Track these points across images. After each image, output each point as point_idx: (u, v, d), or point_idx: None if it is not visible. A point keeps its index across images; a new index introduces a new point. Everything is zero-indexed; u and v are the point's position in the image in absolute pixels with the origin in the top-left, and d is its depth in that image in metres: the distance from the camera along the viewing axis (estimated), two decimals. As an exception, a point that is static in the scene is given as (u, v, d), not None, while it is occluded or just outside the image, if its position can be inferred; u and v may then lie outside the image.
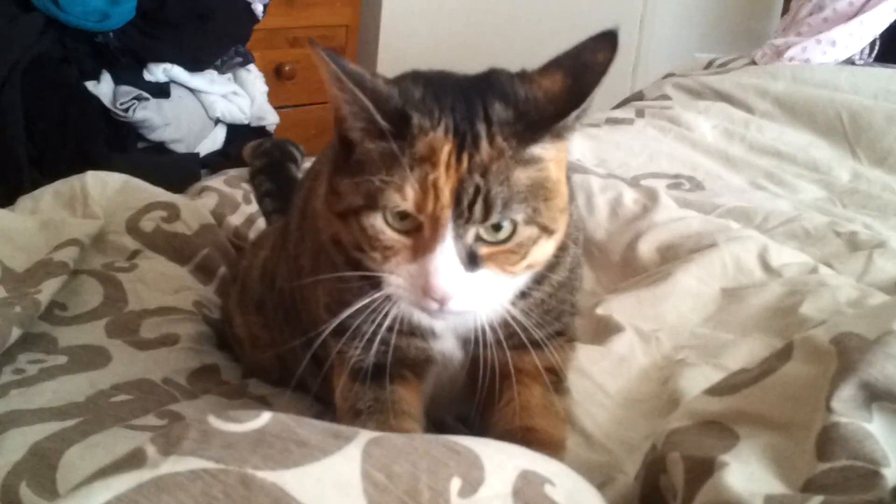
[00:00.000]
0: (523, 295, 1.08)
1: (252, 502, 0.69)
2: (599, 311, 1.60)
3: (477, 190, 0.92)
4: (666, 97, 2.77)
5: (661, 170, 2.24)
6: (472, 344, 1.06)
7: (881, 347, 0.91)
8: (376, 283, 0.98)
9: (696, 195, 2.08)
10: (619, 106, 2.86)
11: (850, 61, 2.85)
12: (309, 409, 1.28)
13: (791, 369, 1.01)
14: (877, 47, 2.90)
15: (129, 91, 2.60)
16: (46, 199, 1.68)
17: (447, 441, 0.83)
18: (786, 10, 3.46)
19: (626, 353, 1.48)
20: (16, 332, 1.29)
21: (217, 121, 2.89)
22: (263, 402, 1.35)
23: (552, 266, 1.10)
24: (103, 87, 2.60)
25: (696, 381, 1.34)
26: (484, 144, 0.93)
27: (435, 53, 3.78)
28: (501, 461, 0.82)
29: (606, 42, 0.97)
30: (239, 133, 2.95)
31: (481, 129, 0.94)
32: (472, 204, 0.92)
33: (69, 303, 1.46)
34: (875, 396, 0.89)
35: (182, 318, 1.49)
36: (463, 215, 0.92)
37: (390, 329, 1.01)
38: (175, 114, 2.71)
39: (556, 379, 1.20)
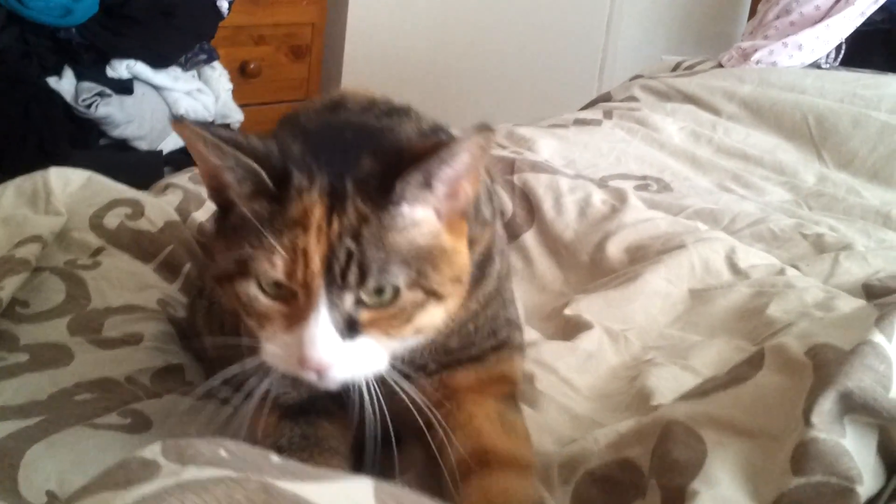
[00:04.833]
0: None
1: None
2: (568, 311, 1.60)
3: (349, 255, 0.88)
4: (633, 98, 2.78)
5: (629, 171, 2.24)
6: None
7: (858, 358, 0.91)
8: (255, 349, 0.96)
9: (664, 196, 2.08)
10: (586, 107, 2.86)
11: (816, 65, 2.87)
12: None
13: (763, 379, 1.01)
14: (843, 51, 2.92)
15: (91, 87, 2.58)
16: (8, 196, 1.64)
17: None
18: (753, 13, 3.49)
19: (594, 349, 1.48)
20: (-24, 330, 1.26)
21: (181, 118, 2.86)
22: (228, 404, 1.33)
23: (477, 280, 1.08)
24: (65, 84, 2.58)
25: (665, 380, 1.34)
26: (350, 204, 0.90)
27: (402, 52, 3.79)
28: None
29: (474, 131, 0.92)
30: (203, 131, 2.93)
31: (349, 186, 0.90)
32: (346, 270, 0.88)
33: (31, 300, 1.43)
34: (849, 409, 0.89)
35: (146, 317, 1.46)
36: (336, 282, 0.88)
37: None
38: (138, 111, 2.70)
39: (509, 390, 1.17)
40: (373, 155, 0.93)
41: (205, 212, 1.82)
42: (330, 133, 1.00)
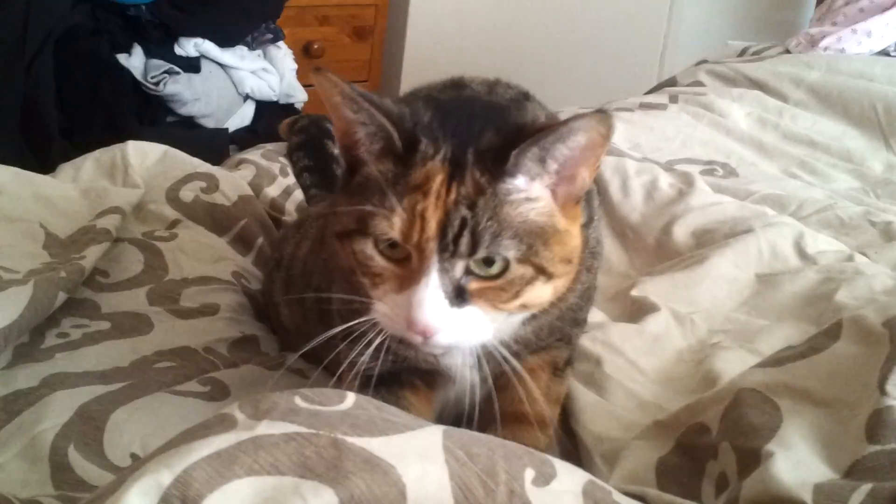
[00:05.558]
0: (531, 318, 1.07)
1: (343, 462, 0.71)
2: (634, 293, 1.60)
3: (463, 222, 0.90)
4: (699, 83, 2.76)
5: (695, 155, 2.23)
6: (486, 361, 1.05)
7: None
8: (366, 308, 0.98)
9: (730, 181, 2.08)
10: (652, 91, 2.85)
11: (885, 52, 2.83)
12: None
13: (840, 349, 1.02)
14: (913, 39, 2.88)
15: (159, 65, 2.61)
16: (87, 168, 1.68)
17: (517, 444, 0.84)
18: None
19: (661, 332, 1.48)
20: (61, 297, 1.30)
21: (246, 97, 2.90)
22: (301, 376, 1.35)
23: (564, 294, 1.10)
24: (134, 60, 2.61)
25: (731, 364, 1.34)
26: (469, 174, 0.92)
27: (464, 34, 3.79)
28: (570, 468, 0.84)
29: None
30: (267, 110, 2.96)
31: (470, 157, 0.92)
32: (458, 237, 0.90)
33: (111, 270, 1.47)
34: None
35: (222, 288, 1.50)
36: (448, 248, 0.91)
37: (381, 349, 1.00)
38: (205, 89, 2.72)
39: (555, 368, 1.22)
40: (496, 129, 0.95)
41: (277, 187, 1.85)
42: (459, 106, 1.02)
